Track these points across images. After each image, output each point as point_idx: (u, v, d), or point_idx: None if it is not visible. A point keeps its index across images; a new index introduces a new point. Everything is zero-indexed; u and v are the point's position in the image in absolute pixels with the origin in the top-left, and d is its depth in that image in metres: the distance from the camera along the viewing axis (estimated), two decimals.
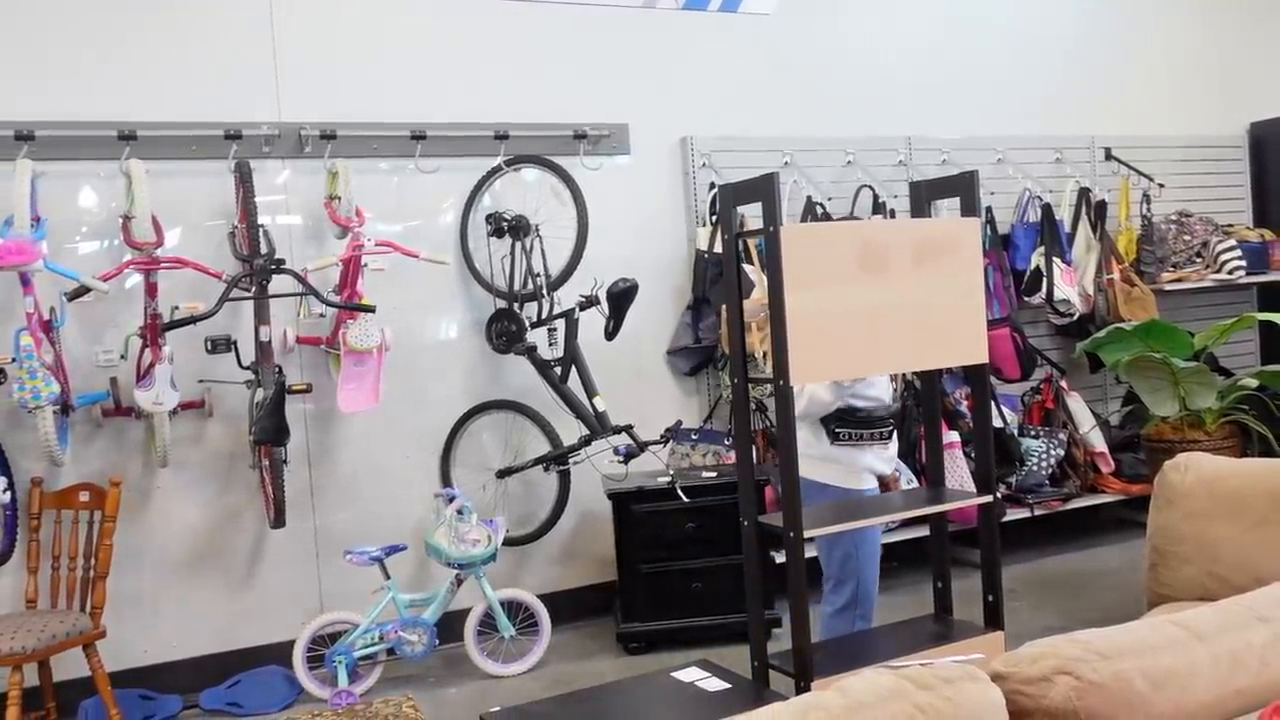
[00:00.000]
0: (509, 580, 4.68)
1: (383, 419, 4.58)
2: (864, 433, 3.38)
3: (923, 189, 3.17)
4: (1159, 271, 5.95)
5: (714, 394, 5.20)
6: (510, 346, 4.58)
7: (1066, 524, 5.68)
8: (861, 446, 3.39)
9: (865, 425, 3.37)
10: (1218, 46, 6.65)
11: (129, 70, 4.25)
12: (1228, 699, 1.65)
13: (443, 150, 4.68)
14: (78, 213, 4.19)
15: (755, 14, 5.36)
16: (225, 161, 4.29)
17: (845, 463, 3.39)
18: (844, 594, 3.43)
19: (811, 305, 2.63)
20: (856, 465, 3.40)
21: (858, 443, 3.38)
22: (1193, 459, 3.18)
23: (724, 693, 2.58)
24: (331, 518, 4.57)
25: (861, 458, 3.41)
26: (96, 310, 4.16)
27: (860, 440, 3.38)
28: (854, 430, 3.37)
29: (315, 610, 4.44)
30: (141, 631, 4.26)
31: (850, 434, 3.37)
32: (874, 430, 3.38)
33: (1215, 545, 3.00)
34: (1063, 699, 1.55)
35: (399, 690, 4.12)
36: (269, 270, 4.01)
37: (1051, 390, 5.71)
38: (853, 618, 3.43)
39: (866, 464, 3.42)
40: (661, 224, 5.15)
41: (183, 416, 4.26)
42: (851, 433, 3.37)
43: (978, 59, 5.89)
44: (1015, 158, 5.86)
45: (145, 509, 4.28)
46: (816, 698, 1.50)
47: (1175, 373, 4.62)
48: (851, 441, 3.37)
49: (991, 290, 5.44)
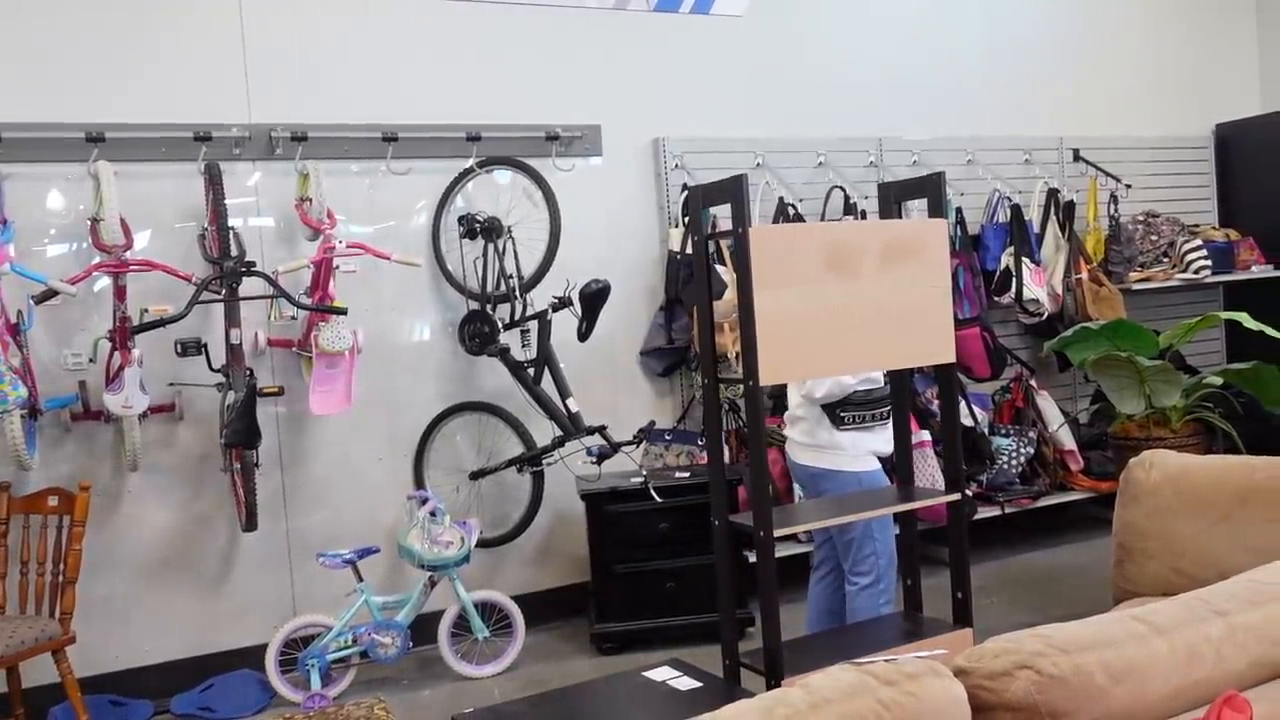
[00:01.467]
0: (483, 582, 4.68)
1: (355, 421, 4.57)
2: (868, 414, 3.50)
3: (891, 190, 3.20)
4: (1126, 271, 6.02)
5: (687, 394, 5.22)
6: (483, 348, 4.58)
7: (1036, 522, 5.73)
8: (866, 429, 3.51)
9: (867, 407, 3.49)
10: (1184, 49, 6.74)
11: (97, 71, 4.22)
12: (1186, 690, 1.68)
13: (415, 152, 4.67)
14: (45, 215, 4.15)
15: (727, 16, 5.38)
16: (195, 163, 4.27)
17: (850, 447, 3.50)
18: (869, 570, 3.54)
19: (781, 306, 2.65)
20: (861, 448, 3.52)
21: (862, 425, 3.50)
22: (1158, 456, 3.22)
23: (695, 691, 2.60)
24: (304, 521, 4.55)
25: (866, 440, 3.52)
26: (65, 313, 4.13)
27: (864, 423, 3.50)
28: (858, 413, 3.49)
29: (288, 614, 4.43)
30: (112, 637, 4.23)
31: (855, 417, 3.49)
32: (876, 410, 3.50)
33: (1180, 541, 3.04)
34: (1024, 693, 1.57)
35: (372, 693, 4.11)
36: (239, 272, 3.99)
37: (1021, 389, 5.76)
38: (878, 593, 3.53)
39: (871, 446, 3.53)
40: (634, 225, 5.17)
41: (153, 420, 4.23)
42: (856, 415, 3.49)
43: (948, 61, 5.94)
44: (985, 159, 5.91)
45: (115, 513, 4.25)
46: (782, 694, 1.51)
47: (1141, 371, 4.68)
48: (857, 425, 3.50)
49: (961, 290, 5.48)
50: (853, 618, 3.55)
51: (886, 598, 3.55)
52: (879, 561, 3.54)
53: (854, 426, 3.50)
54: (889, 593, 3.56)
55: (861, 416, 3.50)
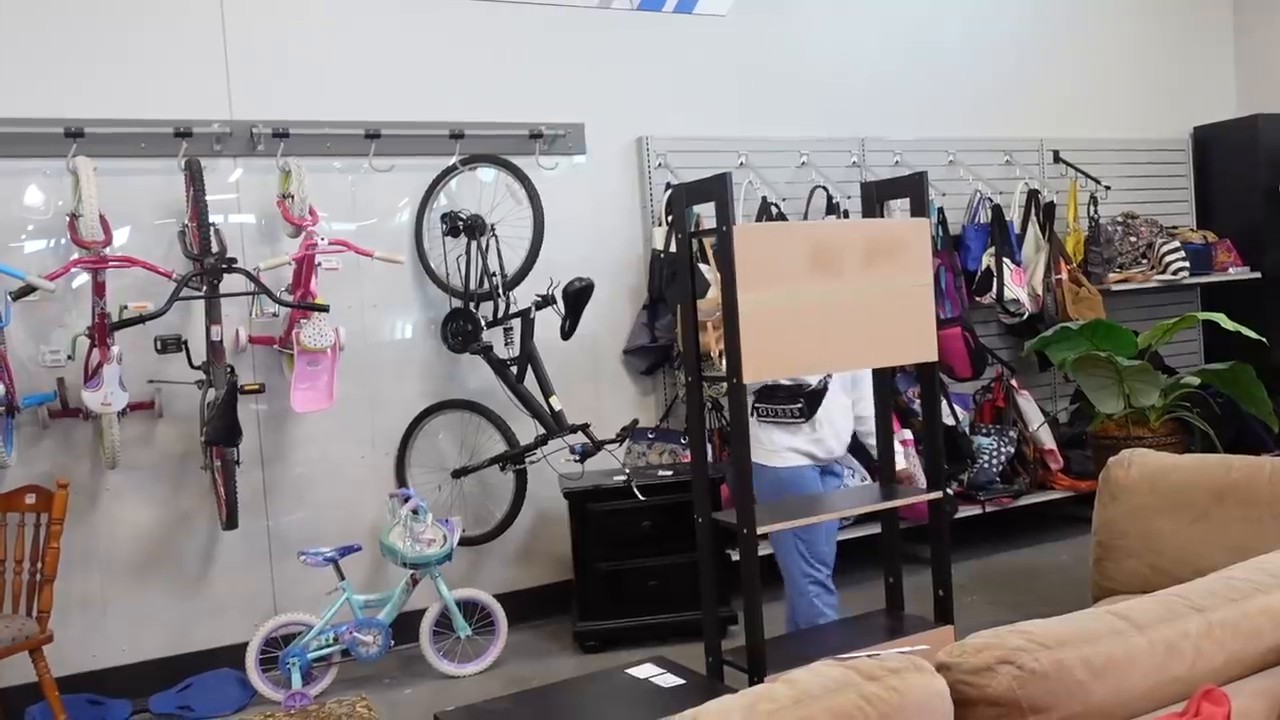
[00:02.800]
0: (465, 580, 4.67)
1: (337, 419, 4.55)
2: (779, 409, 3.52)
3: (874, 190, 3.21)
4: (1106, 272, 6.07)
5: (670, 393, 5.22)
6: (466, 346, 4.57)
7: (1017, 520, 5.77)
8: (780, 424, 3.53)
9: (777, 401, 3.52)
10: (1162, 52, 6.80)
11: (76, 66, 4.18)
12: (1164, 686, 1.69)
13: (397, 149, 4.66)
14: (23, 211, 4.12)
15: (710, 15, 5.39)
16: (175, 159, 4.24)
17: (766, 442, 3.54)
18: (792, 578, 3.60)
19: (764, 304, 2.66)
20: (778, 444, 3.53)
21: (775, 420, 3.53)
22: (1136, 455, 3.25)
23: (678, 688, 2.61)
24: (285, 519, 4.53)
25: (783, 437, 3.52)
26: (43, 310, 4.10)
27: (776, 418, 3.53)
28: (770, 407, 3.53)
29: (269, 612, 4.40)
30: (90, 635, 4.20)
31: (768, 410, 3.54)
32: (788, 407, 3.51)
33: (1158, 539, 3.07)
34: (1005, 688, 1.59)
35: (354, 692, 4.10)
36: (220, 269, 3.97)
37: (1002, 389, 5.80)
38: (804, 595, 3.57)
39: (789, 443, 3.53)
40: (617, 223, 5.17)
41: (132, 417, 4.20)
42: (768, 409, 3.54)
43: (931, 62, 5.97)
44: (966, 159, 5.94)
45: (94, 511, 4.22)
46: (766, 690, 1.52)
47: (1120, 371, 4.71)
48: (772, 419, 3.54)
49: (943, 290, 5.51)
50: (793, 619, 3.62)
51: (830, 599, 3.58)
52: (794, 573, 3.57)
53: (769, 420, 3.53)
54: (831, 592, 3.59)
55: (775, 411, 3.52)
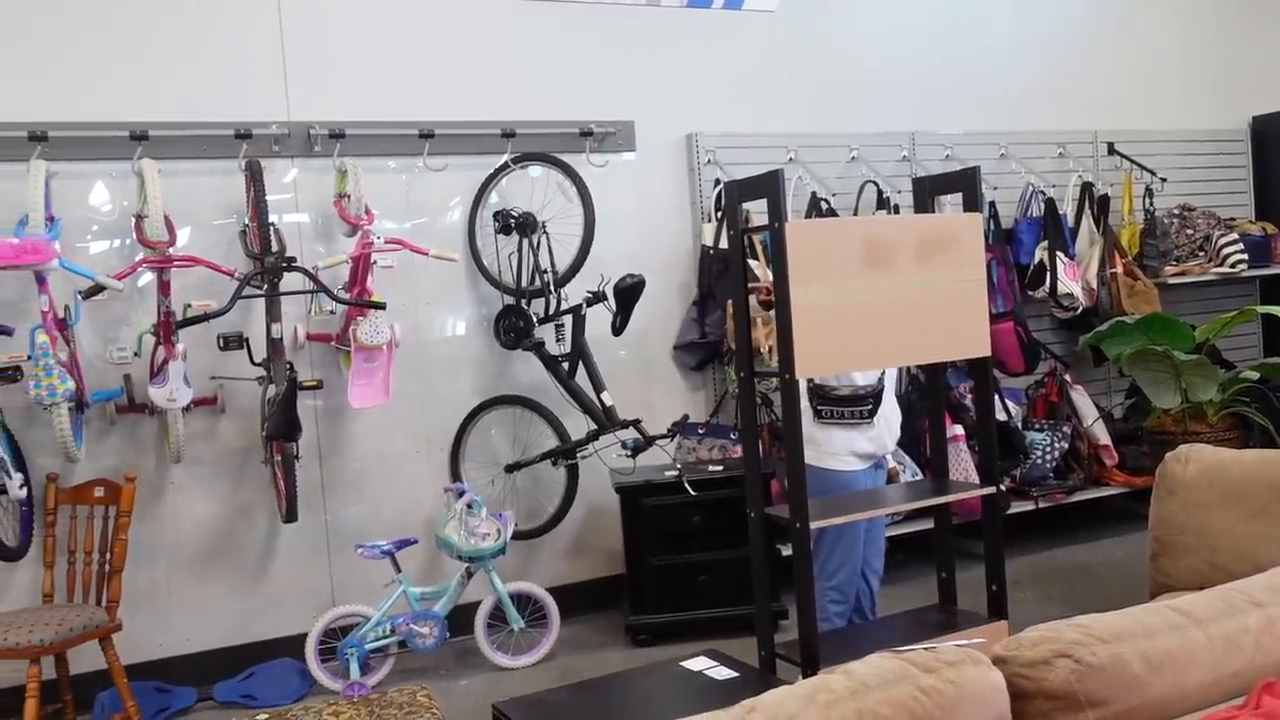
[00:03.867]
0: (518, 573, 4.73)
1: (392, 415, 4.63)
2: (846, 410, 3.49)
3: (926, 185, 3.21)
4: (1162, 265, 5.98)
5: (720, 388, 5.24)
6: (518, 342, 4.63)
7: (1071, 516, 5.71)
8: (844, 424, 3.50)
9: (845, 403, 3.48)
10: (1220, 40, 6.67)
11: (141, 71, 4.29)
12: (1224, 681, 1.69)
13: (450, 148, 4.72)
14: (91, 212, 4.24)
15: (759, 11, 5.39)
16: (236, 160, 4.33)
17: (825, 443, 3.51)
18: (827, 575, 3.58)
19: (816, 300, 2.68)
20: (837, 445, 3.51)
21: (840, 421, 3.49)
22: (1194, 450, 3.22)
23: (732, 681, 2.63)
24: (343, 512, 4.62)
25: (843, 438, 3.51)
26: (110, 308, 4.22)
27: (841, 419, 3.49)
28: (835, 408, 3.49)
29: (327, 603, 4.49)
30: (156, 625, 4.32)
31: (832, 411, 3.49)
32: (856, 408, 3.48)
33: (1215, 535, 3.04)
34: (1063, 681, 1.60)
35: (411, 683, 4.17)
36: (280, 268, 4.05)
37: (1055, 383, 5.74)
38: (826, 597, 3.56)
39: (850, 445, 3.52)
40: (667, 220, 5.19)
41: (196, 413, 4.31)
42: (833, 410, 3.49)
43: (981, 54, 5.92)
44: (1018, 152, 5.88)
45: (159, 504, 4.34)
46: (823, 680, 1.54)
47: (1177, 365, 4.66)
48: (836, 420, 3.49)
49: (995, 284, 5.47)
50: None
51: (839, 608, 3.59)
52: (839, 572, 3.57)
53: (832, 422, 3.49)
54: (842, 603, 3.60)
55: (840, 413, 3.48)
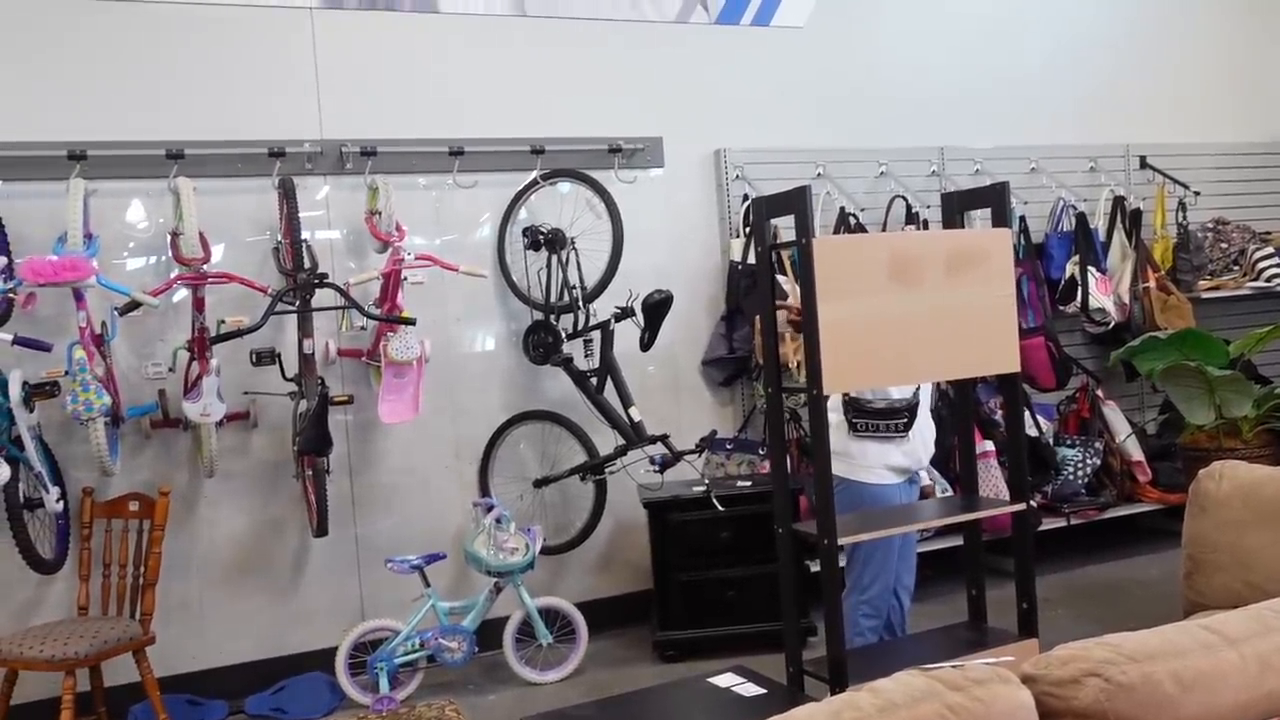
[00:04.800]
0: (546, 589, 4.73)
1: (422, 430, 4.66)
2: (881, 424, 3.47)
3: (954, 200, 3.20)
4: (1195, 279, 5.92)
5: (748, 404, 5.24)
6: (547, 358, 4.65)
7: (1104, 533, 5.65)
8: (880, 438, 3.49)
9: (882, 416, 3.47)
10: (1252, 53, 6.61)
11: (176, 90, 4.36)
12: (1257, 701, 1.67)
13: (480, 165, 4.76)
14: (127, 229, 4.31)
15: (787, 27, 5.41)
16: (269, 178, 4.39)
17: (859, 456, 3.50)
18: (860, 588, 3.58)
19: (844, 316, 2.67)
20: (871, 459, 3.50)
21: (875, 434, 3.48)
22: (1228, 467, 3.18)
23: (760, 698, 2.62)
24: (372, 527, 4.65)
25: (878, 451, 3.49)
26: (146, 324, 4.28)
27: (877, 432, 3.48)
28: (871, 421, 3.48)
29: (356, 617, 4.52)
30: (189, 638, 4.36)
31: (869, 425, 3.48)
32: (892, 421, 3.47)
33: (1250, 553, 3.00)
34: (1092, 700, 1.58)
35: (439, 697, 4.18)
36: (312, 284, 4.10)
37: (1087, 399, 5.69)
38: (858, 610, 3.55)
39: (885, 459, 3.51)
40: (695, 236, 5.21)
41: (229, 427, 4.35)
42: (870, 424, 3.48)
43: (1010, 69, 5.90)
44: (1049, 167, 5.85)
45: (192, 518, 4.39)
46: (850, 698, 1.54)
47: (1211, 381, 4.61)
48: (871, 434, 3.48)
49: (1026, 299, 5.43)
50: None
51: (872, 623, 3.58)
52: (872, 586, 3.56)
53: (868, 435, 3.48)
54: (875, 617, 3.58)
55: (875, 426, 3.47)
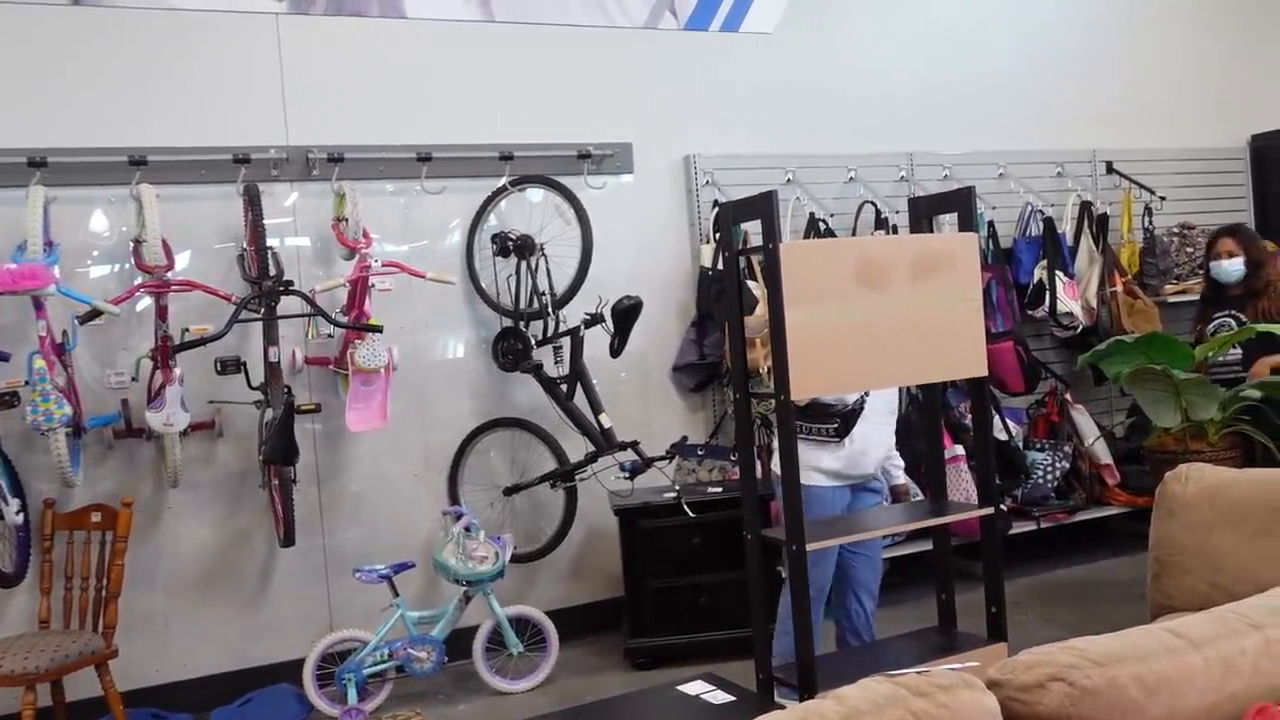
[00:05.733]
0: (517, 597, 4.70)
1: (390, 438, 4.61)
2: (814, 427, 3.53)
3: (922, 205, 3.21)
4: (1162, 283, 5.97)
5: (719, 410, 5.23)
6: (516, 364, 4.62)
7: (1073, 537, 5.68)
8: (810, 441, 3.54)
9: (816, 419, 3.53)
10: (1218, 59, 6.68)
11: (139, 96, 4.31)
12: (1221, 704, 1.67)
13: (448, 171, 4.73)
14: (89, 237, 4.25)
15: (756, 33, 5.41)
16: (234, 185, 4.34)
17: None
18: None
19: (812, 320, 2.67)
20: (803, 461, 3.50)
21: (807, 436, 3.54)
22: (1194, 470, 3.20)
23: (729, 705, 2.61)
24: (340, 536, 4.60)
25: (808, 454, 3.50)
26: (108, 333, 4.22)
27: (809, 435, 3.54)
28: (806, 424, 3.54)
29: (325, 628, 4.47)
30: (153, 651, 4.30)
31: (802, 428, 3.53)
32: (824, 425, 3.52)
33: (1217, 555, 3.01)
34: (1057, 705, 1.58)
35: (408, 707, 4.14)
36: (277, 291, 4.06)
37: (1056, 403, 5.73)
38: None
39: (812, 461, 3.53)
40: (665, 241, 5.20)
41: (193, 437, 4.30)
42: (804, 426, 3.53)
43: (979, 75, 5.94)
44: (1017, 172, 5.89)
45: (156, 529, 4.33)
46: (814, 706, 1.53)
47: (1176, 384, 4.63)
48: (803, 435, 3.52)
49: (994, 304, 5.46)
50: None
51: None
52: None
53: (802, 436, 3.50)
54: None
55: (804, 428, 3.52)
